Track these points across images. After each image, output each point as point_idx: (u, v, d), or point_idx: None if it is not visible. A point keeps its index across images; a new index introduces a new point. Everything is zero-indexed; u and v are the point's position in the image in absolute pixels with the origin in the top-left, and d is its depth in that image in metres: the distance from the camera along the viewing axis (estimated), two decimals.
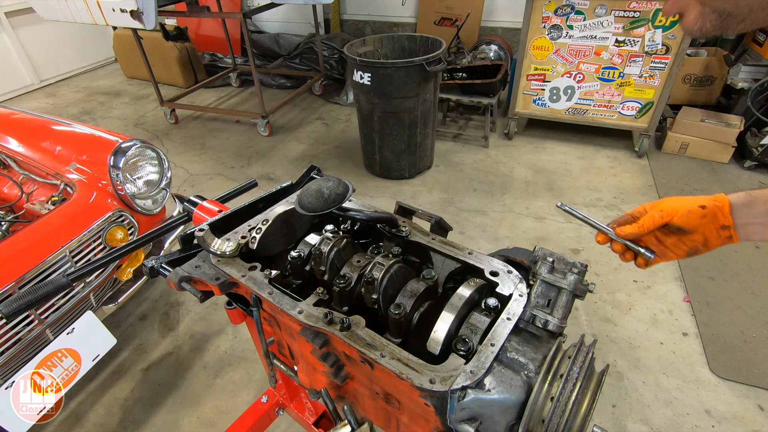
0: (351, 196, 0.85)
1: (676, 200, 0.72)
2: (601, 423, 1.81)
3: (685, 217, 0.70)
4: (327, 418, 1.47)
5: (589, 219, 0.82)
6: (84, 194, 1.75)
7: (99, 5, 3.24)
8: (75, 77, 6.03)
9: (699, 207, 0.69)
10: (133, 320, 2.38)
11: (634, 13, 3.09)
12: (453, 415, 0.63)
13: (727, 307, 2.29)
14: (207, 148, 4.09)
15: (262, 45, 5.43)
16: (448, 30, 4.80)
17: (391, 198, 3.28)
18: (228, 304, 1.00)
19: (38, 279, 1.52)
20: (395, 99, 3.01)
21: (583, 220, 0.82)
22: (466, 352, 0.66)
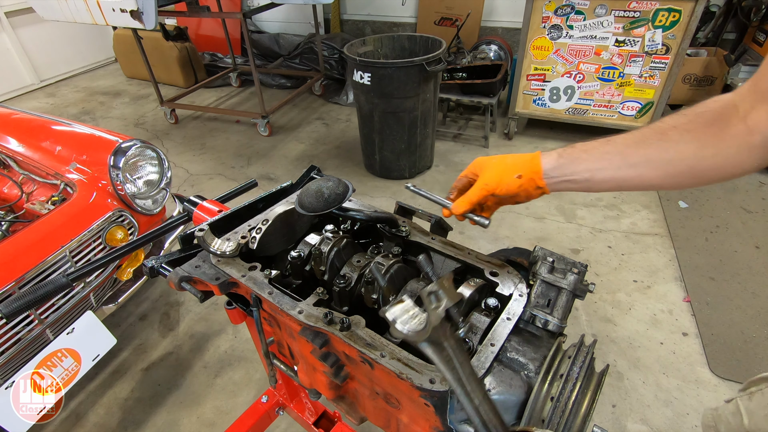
0: (351, 196, 0.85)
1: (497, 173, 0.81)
2: (601, 423, 1.81)
3: (505, 189, 0.80)
4: (327, 418, 1.47)
5: (431, 196, 0.92)
6: (84, 194, 1.75)
7: (99, 5, 3.24)
8: (75, 77, 6.03)
9: (516, 177, 0.79)
10: (133, 320, 2.38)
11: (634, 13, 3.09)
12: (453, 415, 0.63)
13: (727, 307, 2.29)
14: (207, 148, 4.09)
15: (262, 45, 5.43)
16: (448, 30, 4.80)
17: (391, 198, 3.28)
18: (228, 304, 1.00)
19: (38, 279, 1.52)
20: (395, 99, 3.01)
21: (428, 197, 0.92)
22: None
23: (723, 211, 3.01)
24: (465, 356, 0.51)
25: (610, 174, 0.74)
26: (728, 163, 0.68)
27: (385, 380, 0.71)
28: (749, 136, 0.66)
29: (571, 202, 3.15)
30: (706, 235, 2.79)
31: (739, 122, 0.66)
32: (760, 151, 0.66)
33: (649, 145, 0.71)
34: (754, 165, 0.68)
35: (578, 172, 0.76)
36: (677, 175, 0.70)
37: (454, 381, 0.50)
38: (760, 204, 3.06)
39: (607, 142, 0.75)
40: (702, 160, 0.69)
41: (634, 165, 0.72)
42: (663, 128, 0.71)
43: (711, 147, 0.68)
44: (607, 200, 3.16)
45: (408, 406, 0.74)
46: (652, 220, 2.96)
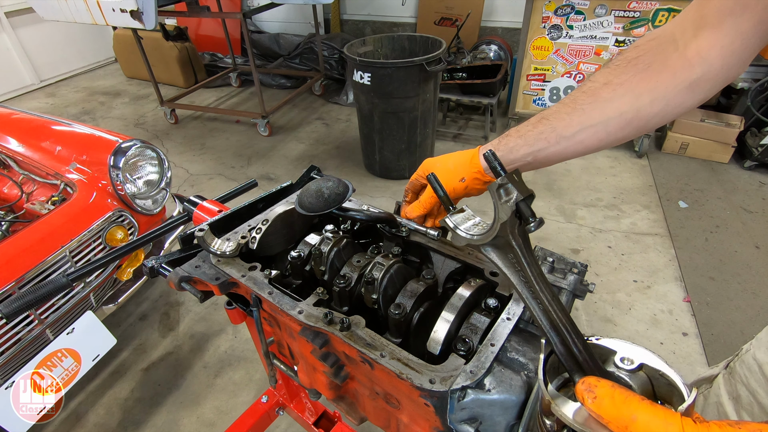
0: (351, 196, 0.85)
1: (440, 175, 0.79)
2: None
3: (453, 194, 0.83)
4: (327, 418, 1.47)
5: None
6: (84, 194, 1.75)
7: (99, 5, 3.24)
8: (75, 77, 6.03)
9: (459, 180, 0.81)
10: (133, 320, 2.38)
11: (634, 13, 3.10)
12: (453, 415, 0.63)
13: (727, 307, 2.29)
14: (207, 148, 4.09)
15: (262, 45, 5.43)
16: (448, 30, 4.80)
17: (391, 198, 3.28)
18: (228, 304, 1.00)
19: (38, 279, 1.52)
20: (395, 99, 3.01)
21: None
22: (466, 352, 0.66)
23: (723, 211, 3.01)
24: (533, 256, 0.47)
25: (552, 150, 0.74)
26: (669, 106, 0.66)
27: (385, 380, 0.71)
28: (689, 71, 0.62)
29: (571, 202, 3.15)
30: (706, 235, 2.79)
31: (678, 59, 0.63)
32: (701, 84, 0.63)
33: (583, 112, 0.70)
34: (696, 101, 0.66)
35: (518, 158, 0.76)
36: (618, 130, 0.69)
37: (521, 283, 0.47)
38: (760, 204, 3.06)
39: (540, 120, 0.74)
40: (640, 111, 0.66)
41: (573, 135, 0.71)
42: (594, 88, 0.69)
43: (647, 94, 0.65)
44: (607, 200, 3.16)
45: (408, 406, 0.74)
46: (652, 220, 2.96)
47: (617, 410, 0.33)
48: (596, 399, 0.35)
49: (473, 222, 0.50)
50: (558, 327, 0.45)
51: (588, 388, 0.35)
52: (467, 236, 0.49)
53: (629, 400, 0.33)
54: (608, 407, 0.34)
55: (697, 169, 3.46)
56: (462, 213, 0.52)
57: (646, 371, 0.41)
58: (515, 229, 0.46)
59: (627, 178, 3.41)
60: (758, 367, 0.89)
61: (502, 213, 0.45)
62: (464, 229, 0.50)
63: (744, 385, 0.91)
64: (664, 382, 0.39)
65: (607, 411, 0.34)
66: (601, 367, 0.44)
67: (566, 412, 0.36)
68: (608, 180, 3.38)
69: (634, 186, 3.31)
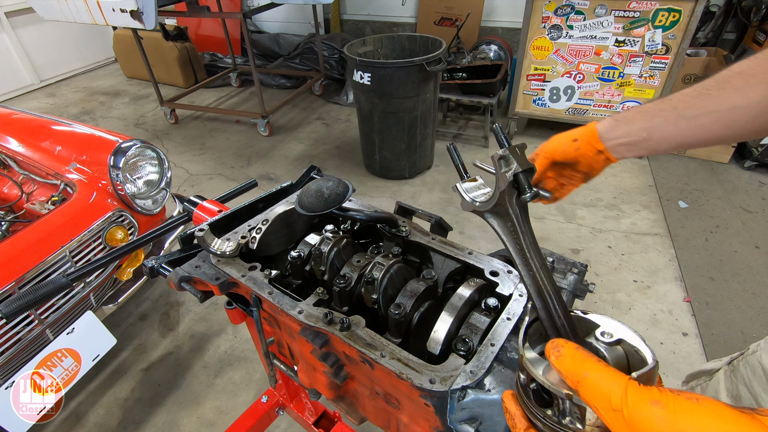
0: (351, 196, 0.85)
1: (554, 140, 0.80)
2: None
3: (563, 153, 0.78)
4: (327, 418, 1.47)
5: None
6: (84, 194, 1.75)
7: (99, 5, 3.24)
8: (75, 77, 6.03)
9: (572, 141, 0.78)
10: (133, 320, 2.38)
11: (634, 13, 3.09)
12: (453, 415, 0.63)
13: (727, 307, 2.29)
14: (207, 148, 4.09)
15: (262, 45, 5.43)
16: (448, 30, 4.80)
17: (391, 198, 3.28)
18: (228, 304, 1.00)
19: (38, 279, 1.52)
20: (395, 99, 3.01)
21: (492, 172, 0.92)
22: (466, 352, 0.66)
23: (723, 211, 3.01)
24: (529, 226, 0.50)
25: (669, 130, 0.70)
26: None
27: (385, 380, 0.71)
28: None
29: (571, 202, 3.15)
30: (706, 235, 2.79)
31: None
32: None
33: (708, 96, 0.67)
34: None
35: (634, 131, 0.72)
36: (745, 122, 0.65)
37: (516, 251, 0.50)
38: (760, 204, 3.06)
39: (663, 100, 0.72)
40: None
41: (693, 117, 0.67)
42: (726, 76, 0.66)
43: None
44: (607, 200, 3.16)
45: (408, 406, 0.74)
46: (652, 220, 2.96)
47: (574, 367, 0.37)
48: (559, 357, 0.39)
49: (482, 191, 0.55)
50: (543, 294, 0.48)
51: (555, 347, 0.40)
52: (471, 202, 0.54)
53: (586, 360, 0.38)
54: (567, 364, 0.38)
55: (697, 169, 3.46)
56: (474, 182, 0.58)
57: (623, 347, 0.43)
58: (513, 198, 0.49)
59: (627, 178, 3.41)
60: (763, 371, 0.90)
61: (500, 182, 0.48)
62: (472, 196, 0.55)
63: (746, 386, 0.91)
64: (638, 358, 0.41)
65: (565, 367, 0.38)
66: (577, 335, 0.47)
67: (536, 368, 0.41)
68: (608, 180, 3.38)
69: (634, 186, 3.31)
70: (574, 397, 0.38)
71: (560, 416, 0.40)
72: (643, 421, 0.33)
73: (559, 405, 0.41)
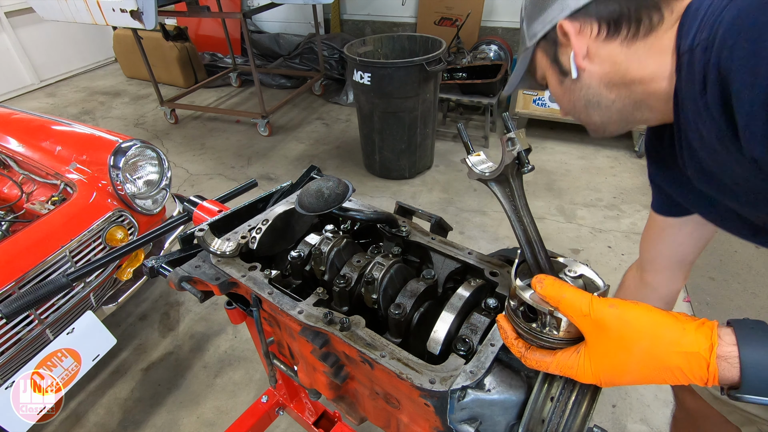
0: (351, 196, 0.85)
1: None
2: (601, 423, 1.81)
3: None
4: (327, 418, 1.47)
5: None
6: (84, 194, 1.75)
7: (99, 5, 3.24)
8: (75, 77, 6.03)
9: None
10: (133, 320, 2.38)
11: None
12: (453, 415, 0.63)
13: (727, 307, 2.29)
14: (207, 148, 4.09)
15: (262, 45, 5.43)
16: (448, 30, 4.80)
17: (391, 198, 3.28)
18: (228, 304, 1.00)
19: (38, 279, 1.52)
20: (395, 99, 3.01)
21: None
22: (466, 352, 0.66)
23: None
24: (522, 191, 0.64)
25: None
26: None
27: (385, 380, 0.71)
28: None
29: (571, 202, 3.15)
30: None
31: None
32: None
33: None
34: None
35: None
36: None
37: (512, 210, 0.64)
38: None
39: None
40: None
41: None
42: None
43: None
44: (607, 200, 3.16)
45: (408, 406, 0.74)
46: None
47: (554, 291, 0.52)
48: (543, 286, 0.53)
49: (486, 165, 0.68)
50: (531, 243, 0.63)
51: (539, 280, 0.54)
52: (479, 173, 0.67)
53: (563, 286, 0.53)
54: (549, 289, 0.53)
55: None
56: (479, 157, 0.69)
57: (584, 279, 0.60)
58: (514, 170, 0.64)
59: (627, 178, 3.41)
60: None
61: (506, 158, 0.62)
62: (479, 168, 0.67)
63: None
64: (594, 286, 0.59)
65: (548, 291, 0.53)
66: (554, 271, 0.63)
67: (525, 293, 0.56)
68: (608, 180, 3.38)
69: (634, 186, 3.31)
70: (555, 312, 0.53)
71: (542, 327, 0.55)
72: (603, 318, 0.49)
73: (542, 319, 0.55)
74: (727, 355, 0.46)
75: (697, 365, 0.46)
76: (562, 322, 0.54)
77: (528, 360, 0.56)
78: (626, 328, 0.49)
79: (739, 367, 0.45)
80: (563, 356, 0.54)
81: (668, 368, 0.48)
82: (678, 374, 0.47)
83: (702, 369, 0.46)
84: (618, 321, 0.49)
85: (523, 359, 0.57)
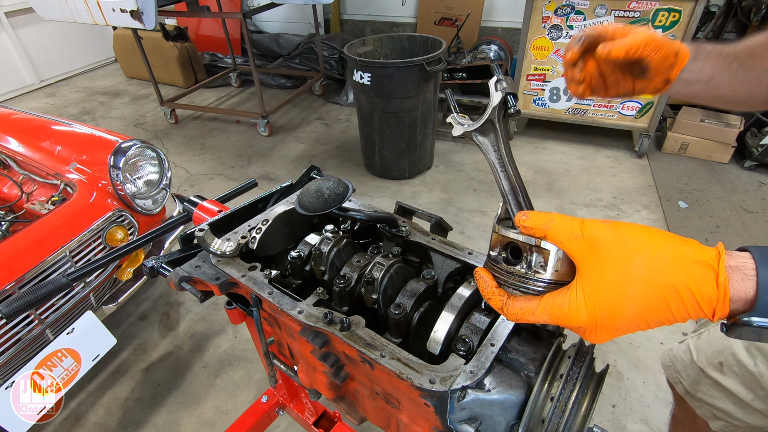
0: (351, 196, 0.85)
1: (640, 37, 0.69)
2: (602, 423, 1.81)
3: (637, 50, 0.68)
4: (327, 418, 1.47)
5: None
6: (84, 194, 1.75)
7: (99, 5, 3.24)
8: (75, 77, 6.03)
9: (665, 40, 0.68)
10: (133, 320, 2.38)
11: (634, 13, 3.09)
12: (453, 415, 0.63)
13: None
14: (207, 148, 4.09)
15: (262, 45, 5.42)
16: (448, 30, 4.80)
17: (391, 198, 3.28)
18: (228, 304, 1.00)
19: (38, 279, 1.52)
20: (395, 99, 3.01)
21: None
22: (466, 352, 0.66)
23: (723, 211, 3.01)
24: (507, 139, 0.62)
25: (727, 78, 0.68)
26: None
27: (385, 380, 0.71)
28: None
29: (571, 202, 3.15)
30: (706, 235, 2.79)
31: None
32: None
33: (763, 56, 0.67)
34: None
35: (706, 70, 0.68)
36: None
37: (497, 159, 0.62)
38: (760, 204, 3.06)
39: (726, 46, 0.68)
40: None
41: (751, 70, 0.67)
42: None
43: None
44: (607, 200, 3.16)
45: (408, 406, 0.74)
46: (652, 221, 2.95)
47: (541, 220, 0.48)
48: (528, 218, 0.49)
49: (468, 123, 0.65)
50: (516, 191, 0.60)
51: (524, 213, 0.50)
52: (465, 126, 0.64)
53: (551, 214, 0.48)
54: (536, 219, 0.48)
55: (697, 169, 3.46)
56: (464, 117, 0.67)
57: None
58: (501, 114, 0.62)
59: (627, 178, 3.41)
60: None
61: (494, 99, 0.61)
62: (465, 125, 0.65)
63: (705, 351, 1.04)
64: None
65: (535, 222, 0.48)
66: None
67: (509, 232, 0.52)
68: (608, 180, 3.38)
69: (634, 186, 3.31)
70: (542, 243, 0.48)
71: (527, 269, 0.50)
72: (598, 235, 0.45)
73: (527, 258, 0.50)
74: (743, 266, 0.41)
75: (704, 278, 0.41)
76: (550, 255, 0.48)
77: (510, 309, 0.50)
78: (623, 243, 0.44)
79: (756, 281, 0.40)
80: (551, 296, 0.47)
81: (673, 287, 0.42)
82: (685, 294, 0.41)
83: (710, 283, 0.41)
84: (614, 236, 0.44)
85: (505, 310, 0.50)
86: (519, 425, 0.61)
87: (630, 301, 0.43)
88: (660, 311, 0.43)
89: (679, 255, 0.42)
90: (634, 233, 0.44)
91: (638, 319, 0.44)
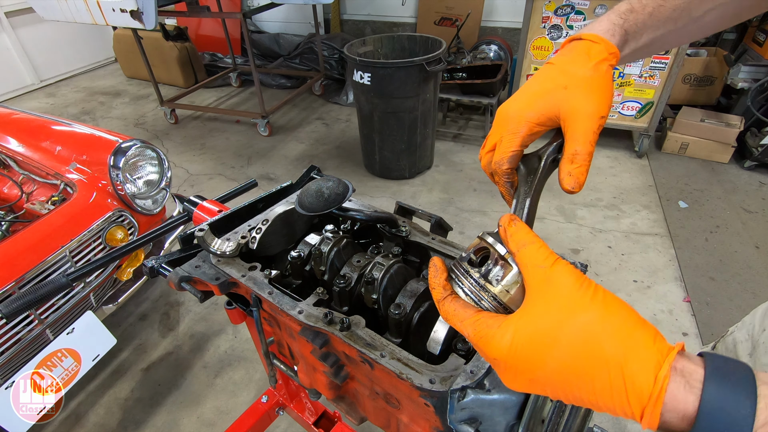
0: (351, 196, 0.85)
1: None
2: (601, 423, 1.81)
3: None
4: (327, 418, 1.47)
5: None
6: (84, 194, 1.75)
7: (99, 5, 3.24)
8: (75, 77, 6.03)
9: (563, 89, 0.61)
10: (133, 320, 2.38)
11: None
12: (453, 415, 0.63)
13: (727, 307, 2.29)
14: (207, 148, 4.09)
15: (262, 45, 5.43)
16: (448, 30, 4.80)
17: (391, 198, 3.28)
18: (228, 304, 1.00)
19: (38, 279, 1.52)
20: (395, 99, 3.01)
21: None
22: (466, 352, 0.66)
23: (723, 211, 3.01)
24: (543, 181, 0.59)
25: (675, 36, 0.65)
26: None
27: (385, 380, 0.71)
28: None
29: (571, 202, 3.15)
30: (706, 235, 2.79)
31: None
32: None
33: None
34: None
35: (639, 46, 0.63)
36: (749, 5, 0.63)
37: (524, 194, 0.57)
38: (760, 204, 3.06)
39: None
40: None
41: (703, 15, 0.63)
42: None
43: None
44: (607, 200, 3.16)
45: (408, 406, 0.74)
46: (652, 220, 2.96)
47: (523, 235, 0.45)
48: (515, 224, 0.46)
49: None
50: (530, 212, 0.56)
51: (512, 217, 0.47)
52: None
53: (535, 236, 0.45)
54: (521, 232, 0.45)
55: (697, 169, 3.46)
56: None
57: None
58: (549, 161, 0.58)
59: (627, 178, 3.41)
60: (734, 345, 0.93)
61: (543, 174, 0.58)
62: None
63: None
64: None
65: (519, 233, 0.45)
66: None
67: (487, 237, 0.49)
68: (608, 180, 3.38)
69: (634, 186, 3.31)
70: (509, 259, 0.46)
71: (483, 275, 0.47)
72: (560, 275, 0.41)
73: (488, 267, 0.48)
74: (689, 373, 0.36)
75: (642, 365, 0.36)
76: (509, 273, 0.46)
77: (445, 307, 0.47)
78: (578, 294, 0.40)
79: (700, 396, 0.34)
80: (486, 316, 0.44)
81: (603, 360, 0.37)
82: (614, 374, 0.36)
83: (647, 373, 0.36)
84: (574, 282, 0.40)
85: (440, 305, 0.48)
86: (519, 425, 0.61)
87: (556, 353, 0.38)
88: (582, 381, 0.37)
89: (629, 331, 0.39)
90: (596, 292, 0.40)
91: (558, 379, 0.39)
